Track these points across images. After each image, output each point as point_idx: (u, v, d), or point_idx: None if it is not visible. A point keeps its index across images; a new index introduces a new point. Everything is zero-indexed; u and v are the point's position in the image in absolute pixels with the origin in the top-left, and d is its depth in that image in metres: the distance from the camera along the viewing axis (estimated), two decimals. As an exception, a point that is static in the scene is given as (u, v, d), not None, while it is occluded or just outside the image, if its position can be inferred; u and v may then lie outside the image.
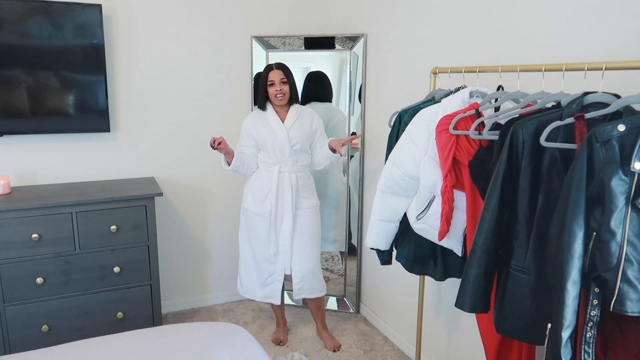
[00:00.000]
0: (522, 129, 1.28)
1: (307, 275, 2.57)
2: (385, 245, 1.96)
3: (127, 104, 2.81)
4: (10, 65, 2.45)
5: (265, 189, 2.52)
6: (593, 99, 1.25)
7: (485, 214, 1.35)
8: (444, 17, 2.17)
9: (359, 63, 2.87)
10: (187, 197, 3.05)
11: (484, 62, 1.92)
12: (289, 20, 3.09)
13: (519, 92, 1.50)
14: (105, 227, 2.44)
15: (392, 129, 1.98)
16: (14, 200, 2.34)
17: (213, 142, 2.28)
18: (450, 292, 2.27)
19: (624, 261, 1.05)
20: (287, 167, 2.50)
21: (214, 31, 2.93)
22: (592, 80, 1.37)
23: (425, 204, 1.73)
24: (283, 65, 2.48)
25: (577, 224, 1.09)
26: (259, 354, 1.62)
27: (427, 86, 2.20)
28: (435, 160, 1.67)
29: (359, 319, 3.07)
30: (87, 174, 2.79)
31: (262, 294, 2.65)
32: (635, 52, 1.38)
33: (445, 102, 1.69)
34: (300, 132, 2.48)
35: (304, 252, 2.55)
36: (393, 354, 2.67)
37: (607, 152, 1.07)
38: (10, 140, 2.60)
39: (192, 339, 1.66)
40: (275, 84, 2.44)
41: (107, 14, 2.66)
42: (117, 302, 2.53)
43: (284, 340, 2.76)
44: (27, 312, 2.37)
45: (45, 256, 2.36)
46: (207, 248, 3.17)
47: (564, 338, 1.11)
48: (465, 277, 1.40)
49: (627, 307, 1.05)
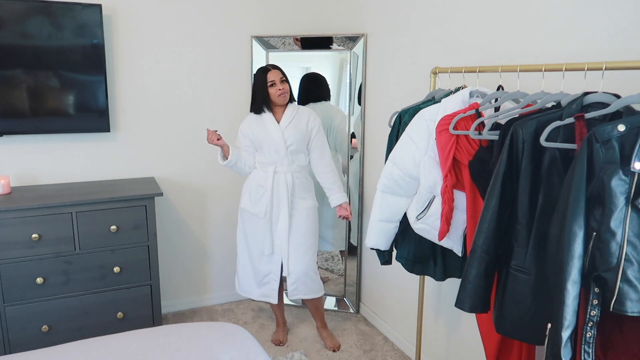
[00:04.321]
0: (522, 129, 1.28)
1: (301, 277, 2.57)
2: (385, 245, 1.96)
3: (127, 104, 2.81)
4: (10, 65, 2.44)
5: (261, 189, 2.52)
6: (593, 99, 1.25)
7: (485, 214, 1.35)
8: (444, 17, 2.17)
9: (358, 63, 2.87)
10: (187, 197, 3.05)
11: (484, 62, 1.92)
12: (289, 20, 3.08)
13: (519, 92, 1.50)
14: (105, 227, 2.44)
15: (392, 129, 1.98)
16: (14, 200, 2.34)
17: (211, 137, 2.34)
18: (450, 292, 2.27)
19: (624, 261, 1.05)
20: (283, 167, 2.50)
21: (214, 31, 2.93)
22: (592, 80, 1.37)
23: (425, 204, 1.73)
24: (278, 66, 2.49)
25: (577, 224, 1.09)
26: (259, 354, 1.62)
27: (427, 86, 2.20)
28: (435, 160, 1.67)
29: (358, 319, 3.07)
30: (87, 174, 2.79)
31: (259, 293, 2.65)
32: (635, 52, 1.38)
33: (445, 102, 1.69)
34: (295, 133, 2.47)
35: (298, 253, 2.55)
36: (393, 354, 2.67)
37: (607, 152, 1.07)
38: (10, 140, 2.60)
39: (192, 339, 1.66)
40: (277, 84, 2.43)
41: (107, 14, 2.66)
42: (117, 302, 2.53)
43: (284, 341, 2.76)
44: (27, 312, 2.37)
45: (45, 256, 2.36)
46: (207, 248, 3.17)
47: (564, 338, 1.11)
48: (465, 277, 1.40)
49: (627, 307, 1.05)
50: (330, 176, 2.57)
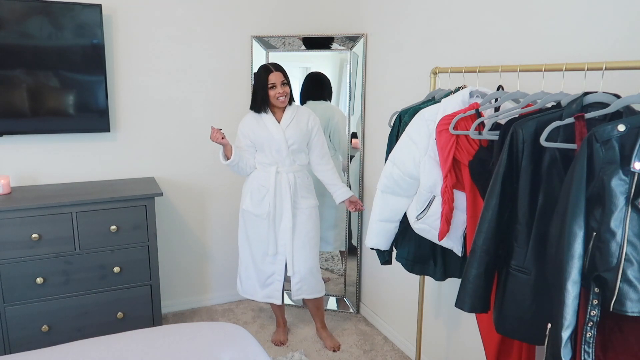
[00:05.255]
0: (522, 129, 1.28)
1: (306, 276, 2.57)
2: (385, 246, 1.96)
3: (127, 104, 2.81)
4: (10, 65, 2.44)
5: (263, 190, 2.52)
6: (593, 99, 1.25)
7: (485, 214, 1.35)
8: (444, 17, 2.17)
9: (359, 63, 2.87)
10: (187, 197, 3.05)
11: (484, 62, 1.92)
12: (289, 20, 3.08)
13: (519, 92, 1.50)
14: (105, 227, 2.44)
15: (392, 129, 1.98)
16: (14, 200, 2.34)
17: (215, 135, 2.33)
18: (450, 292, 2.27)
19: (624, 261, 1.05)
20: (285, 167, 2.50)
21: (214, 31, 2.93)
22: (592, 80, 1.37)
23: (425, 204, 1.73)
24: (281, 67, 2.46)
25: (577, 224, 1.09)
26: (259, 354, 1.62)
27: (427, 86, 2.20)
28: (435, 160, 1.67)
29: (359, 319, 3.07)
30: (87, 174, 2.79)
31: (262, 295, 2.64)
32: (635, 52, 1.38)
33: (445, 102, 1.69)
34: (296, 132, 2.47)
35: (303, 252, 2.55)
36: (393, 354, 2.67)
37: (607, 152, 1.07)
38: (10, 140, 2.60)
39: (192, 339, 1.66)
40: (277, 86, 2.42)
41: (107, 14, 2.66)
42: (117, 302, 2.53)
43: (284, 341, 2.76)
44: (27, 312, 2.37)
45: (45, 256, 2.36)
46: (207, 248, 3.17)
47: (564, 338, 1.11)
48: (465, 277, 1.40)
49: (627, 307, 1.05)
50: (331, 173, 2.58)
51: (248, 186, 2.58)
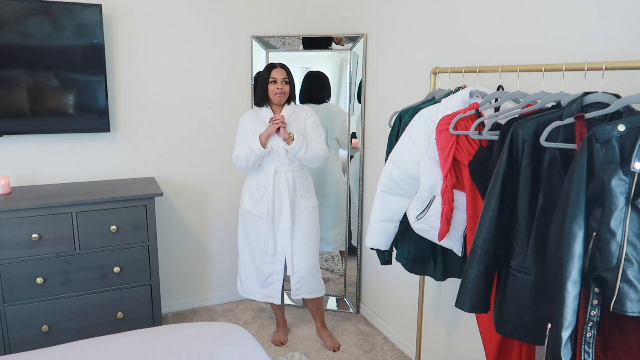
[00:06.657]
0: (522, 129, 1.28)
1: (305, 276, 2.57)
2: (385, 245, 1.96)
3: (127, 104, 2.81)
4: (10, 65, 2.44)
5: (262, 189, 2.52)
6: (593, 99, 1.25)
7: (485, 214, 1.35)
8: (444, 17, 2.17)
9: (358, 63, 2.87)
10: (187, 197, 3.05)
11: (484, 62, 1.92)
12: (289, 20, 3.09)
13: (519, 92, 1.50)
14: (105, 227, 2.44)
15: (392, 129, 1.98)
16: (14, 200, 2.34)
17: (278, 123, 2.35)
18: (450, 292, 2.27)
19: (624, 261, 1.05)
20: (283, 166, 2.50)
21: (214, 31, 2.93)
22: (592, 80, 1.37)
23: (425, 204, 1.73)
24: (286, 66, 2.49)
25: (577, 224, 1.09)
26: (259, 354, 1.62)
27: (427, 86, 2.20)
28: (435, 160, 1.67)
29: (359, 319, 3.07)
30: (87, 174, 2.79)
31: (262, 294, 2.65)
32: (635, 52, 1.38)
33: (445, 102, 1.69)
34: (294, 130, 2.47)
35: (302, 252, 2.55)
36: (393, 354, 2.67)
37: (607, 152, 1.07)
38: (10, 140, 2.60)
39: (192, 339, 1.66)
40: (277, 82, 2.44)
41: (107, 14, 2.66)
42: (117, 302, 2.53)
43: (284, 341, 2.76)
44: (27, 312, 2.37)
45: (45, 256, 2.36)
46: (207, 248, 3.17)
47: (564, 338, 1.11)
48: (465, 277, 1.40)
49: (627, 307, 1.05)
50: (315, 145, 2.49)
51: (247, 186, 2.58)
